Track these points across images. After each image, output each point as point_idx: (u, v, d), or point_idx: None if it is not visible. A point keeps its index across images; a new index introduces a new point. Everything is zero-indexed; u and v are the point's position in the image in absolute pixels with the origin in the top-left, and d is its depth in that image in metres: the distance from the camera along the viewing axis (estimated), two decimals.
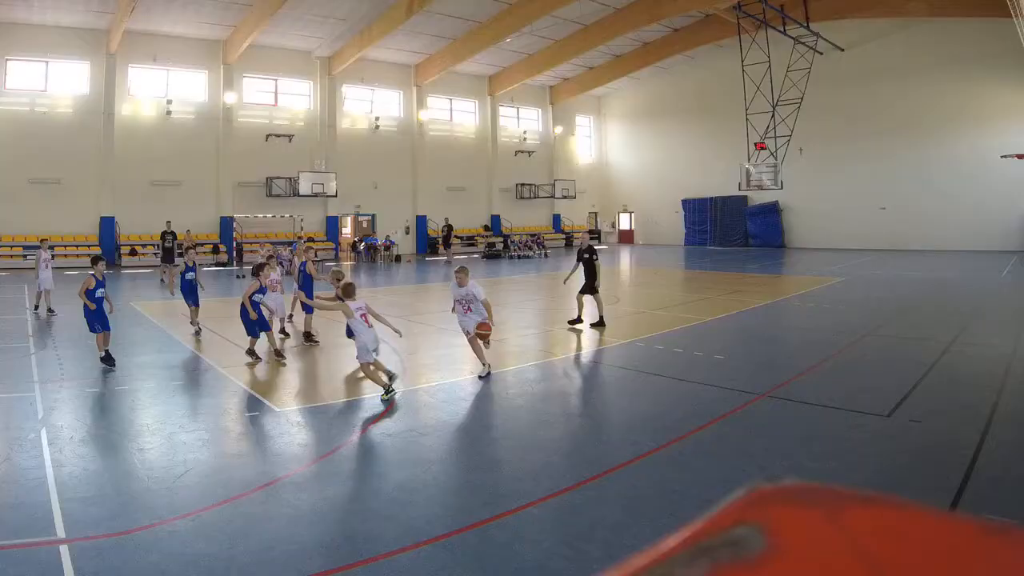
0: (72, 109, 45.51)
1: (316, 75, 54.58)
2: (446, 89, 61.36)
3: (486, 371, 15.07)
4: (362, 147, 56.85)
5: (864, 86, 53.73)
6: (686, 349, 17.99)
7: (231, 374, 15.48)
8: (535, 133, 69.20)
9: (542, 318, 25.46)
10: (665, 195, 67.35)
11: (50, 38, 43.71)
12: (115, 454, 10.48)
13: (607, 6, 49.40)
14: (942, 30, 49.42)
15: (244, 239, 49.38)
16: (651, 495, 8.85)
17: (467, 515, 8.25)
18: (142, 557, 7.27)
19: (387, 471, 9.95)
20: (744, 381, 14.61)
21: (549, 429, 11.85)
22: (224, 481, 9.38)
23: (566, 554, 7.37)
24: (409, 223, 59.76)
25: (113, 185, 46.01)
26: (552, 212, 69.64)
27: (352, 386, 15.06)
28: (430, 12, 45.89)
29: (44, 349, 18.15)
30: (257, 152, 51.52)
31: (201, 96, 50.15)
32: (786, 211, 59.96)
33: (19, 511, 8.22)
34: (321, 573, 6.97)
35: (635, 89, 69.19)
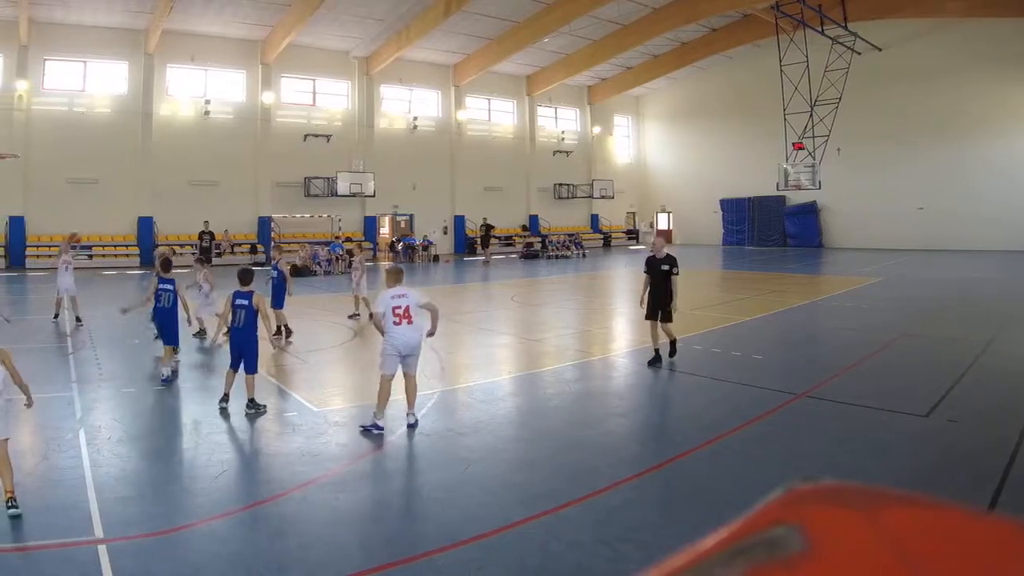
0: (110, 109, 45.59)
1: (354, 75, 54.55)
2: (484, 89, 61.27)
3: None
4: (400, 147, 56.76)
5: (902, 86, 53.35)
6: (724, 349, 17.97)
7: (270, 374, 15.50)
8: (573, 133, 68.92)
9: (579, 318, 25.26)
10: (703, 195, 67.00)
11: (88, 38, 43.81)
12: (153, 454, 10.50)
13: (645, 6, 49.24)
14: (979, 30, 49.03)
15: (282, 239, 49.26)
16: (689, 495, 8.84)
17: (505, 515, 8.23)
18: (180, 557, 7.29)
19: (425, 471, 9.97)
20: (782, 381, 14.60)
21: (586, 429, 11.81)
22: (262, 481, 9.43)
23: (604, 554, 7.36)
24: (447, 223, 59.72)
25: (151, 185, 46.02)
26: (590, 212, 69.35)
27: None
28: (468, 12, 45.78)
29: (82, 349, 18.17)
30: (295, 152, 51.47)
31: (239, 96, 50.20)
32: (824, 211, 59.62)
33: (58, 511, 8.24)
34: (359, 573, 6.97)
35: (673, 89, 68.96)
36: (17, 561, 7.13)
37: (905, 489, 0.97)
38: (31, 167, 41.67)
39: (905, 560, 0.84)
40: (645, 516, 8.29)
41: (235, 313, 12.72)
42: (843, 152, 51.90)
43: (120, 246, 44.79)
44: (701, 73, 64.34)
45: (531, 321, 23.66)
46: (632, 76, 64.30)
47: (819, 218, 60.15)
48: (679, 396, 14.05)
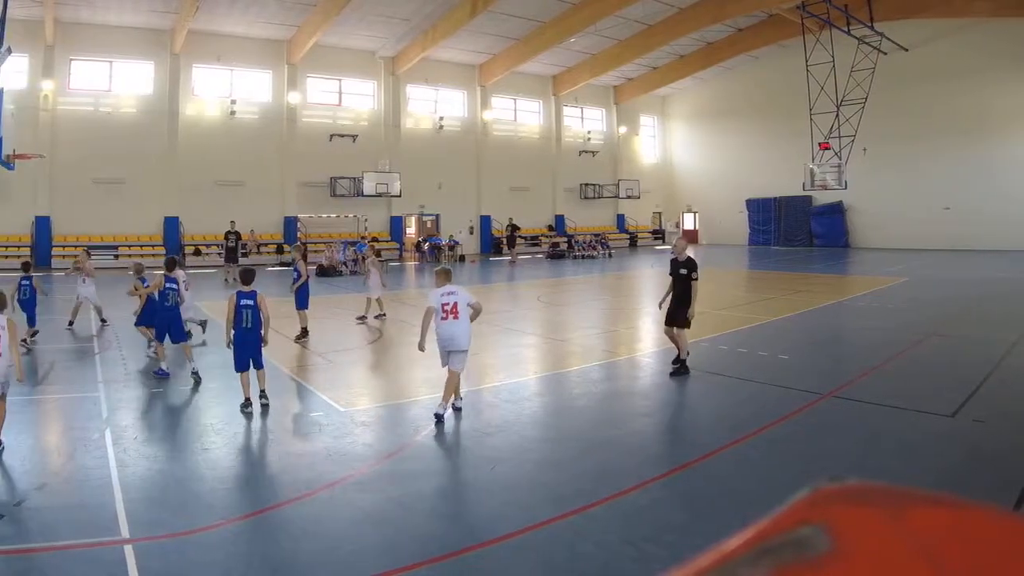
0: (136, 109, 45.80)
1: (380, 75, 54.63)
2: (510, 89, 61.29)
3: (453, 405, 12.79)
4: (426, 147, 56.83)
5: (928, 86, 53.09)
6: (750, 349, 17.93)
7: (296, 374, 15.58)
8: (599, 133, 68.86)
9: (606, 318, 25.24)
10: (729, 195, 66.90)
11: (114, 38, 44.04)
12: (179, 454, 10.52)
13: (671, 6, 49.19)
14: (1005, 29, 48.71)
15: (308, 239, 49.44)
16: (715, 495, 8.83)
17: (531, 515, 8.22)
18: (206, 557, 7.30)
19: (451, 471, 9.99)
20: (808, 381, 14.57)
21: (613, 429, 11.81)
22: (288, 481, 9.42)
23: (630, 554, 7.36)
24: (473, 223, 59.78)
25: (177, 185, 46.24)
26: (616, 212, 69.34)
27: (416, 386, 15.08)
28: (494, 12, 45.79)
29: (109, 350, 18.26)
30: (321, 152, 51.60)
31: (265, 96, 50.37)
32: (850, 211, 59.43)
33: (84, 511, 8.26)
34: (385, 573, 6.97)
35: (699, 89, 68.87)
36: (45, 560, 7.14)
37: (931, 489, 0.94)
38: (57, 167, 41.83)
39: (931, 560, 0.82)
40: (671, 516, 8.28)
41: (241, 313, 12.84)
42: (869, 152, 51.72)
43: (146, 246, 44.80)
44: (727, 73, 64.24)
45: (557, 321, 23.68)
46: (658, 76, 64.22)
47: (845, 218, 59.97)
48: (705, 396, 14.00)
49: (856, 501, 0.94)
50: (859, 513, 0.91)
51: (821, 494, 0.96)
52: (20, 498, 8.44)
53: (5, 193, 40.96)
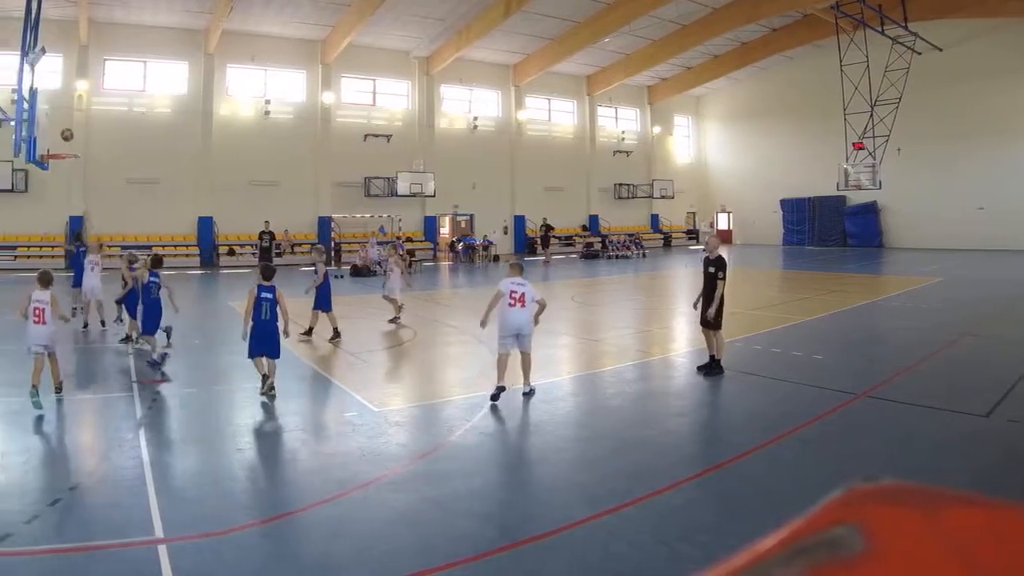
0: (170, 109, 46.04)
1: (414, 75, 54.66)
2: (544, 89, 61.28)
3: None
4: (460, 147, 56.86)
5: (963, 86, 52.81)
6: (784, 349, 17.89)
7: (330, 374, 15.59)
8: (633, 133, 68.70)
9: (639, 318, 25.22)
10: (763, 195, 66.70)
11: (148, 38, 44.25)
12: (213, 454, 10.57)
13: (706, 6, 49.09)
14: None
15: (342, 239, 49.74)
16: (749, 495, 8.82)
17: (565, 515, 8.21)
18: (240, 556, 7.33)
19: (485, 471, 9.94)
20: (842, 381, 14.52)
21: (647, 429, 11.81)
22: (322, 481, 9.41)
23: (664, 554, 7.37)
24: (507, 223, 59.83)
25: (211, 185, 46.41)
26: (650, 212, 69.17)
27: (450, 386, 15.18)
28: (528, 12, 45.73)
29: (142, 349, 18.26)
30: (355, 152, 51.68)
31: (299, 96, 50.45)
32: (884, 211, 59.18)
33: (118, 511, 8.29)
34: (419, 572, 6.97)
35: (733, 89, 68.74)
36: (79, 560, 7.16)
37: (965, 489, 0.95)
38: (91, 167, 42.11)
39: (964, 560, 0.82)
40: (705, 516, 8.29)
41: (261, 306, 13.50)
42: (903, 152, 51.40)
43: (180, 246, 45.08)
44: (761, 73, 64.07)
45: (591, 321, 23.65)
46: (692, 76, 64.09)
47: (879, 218, 59.72)
48: (739, 396, 13.98)
49: (890, 501, 0.96)
50: (893, 513, 0.92)
51: (855, 494, 0.98)
52: (54, 498, 8.45)
53: (40, 193, 41.23)
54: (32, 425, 11.67)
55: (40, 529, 7.69)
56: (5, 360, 16.49)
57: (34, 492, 8.70)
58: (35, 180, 40.19)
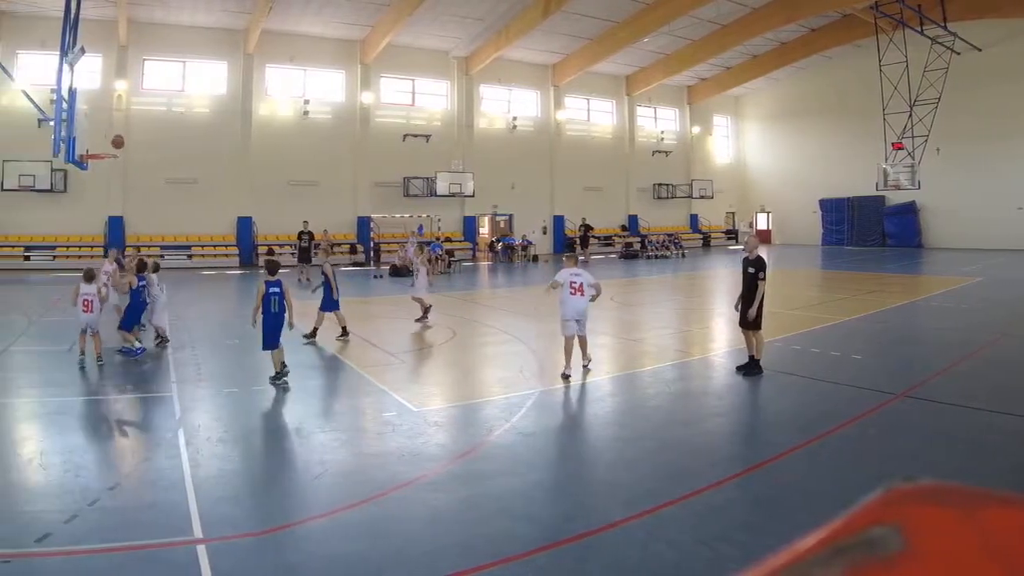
0: (209, 109, 46.32)
1: (453, 75, 54.75)
2: (583, 89, 61.20)
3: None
4: (499, 147, 56.91)
5: (1002, 86, 52.44)
6: (823, 349, 17.85)
7: (369, 374, 15.56)
8: (672, 133, 68.56)
9: (679, 318, 25.20)
10: (802, 195, 66.49)
11: (187, 38, 44.53)
12: (252, 454, 10.62)
13: (744, 6, 48.98)
14: None
15: (381, 239, 49.93)
16: (788, 495, 8.82)
17: (604, 514, 8.21)
18: (279, 557, 7.34)
19: (524, 471, 9.89)
20: (881, 381, 14.50)
21: (686, 429, 11.82)
22: (361, 481, 9.41)
23: (703, 554, 7.34)
24: (546, 223, 59.78)
25: (250, 185, 46.62)
26: (689, 212, 69.04)
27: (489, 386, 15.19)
28: (567, 12, 45.69)
29: (182, 350, 18.29)
30: (394, 152, 51.80)
31: (338, 96, 50.58)
32: (923, 211, 58.89)
33: (157, 511, 8.31)
34: (458, 572, 6.95)
35: (773, 89, 68.59)
36: (118, 560, 7.17)
37: (1005, 490, 0.93)
38: (130, 167, 42.37)
39: (1003, 561, 0.81)
40: (744, 516, 8.29)
41: (270, 300, 14.49)
42: (942, 152, 51.28)
43: (219, 246, 45.34)
44: (800, 73, 63.86)
45: (630, 321, 23.60)
46: (731, 76, 64.00)
47: (918, 218, 59.46)
48: (778, 396, 13.95)
49: (929, 501, 0.94)
50: (932, 513, 0.92)
51: (894, 494, 0.96)
52: (93, 498, 8.47)
53: (79, 193, 41.58)
54: (71, 425, 11.78)
55: (79, 529, 7.71)
56: (44, 360, 16.68)
57: (73, 492, 8.70)
58: (74, 180, 40.55)
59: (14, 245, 41.15)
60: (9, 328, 21.26)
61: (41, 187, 39.99)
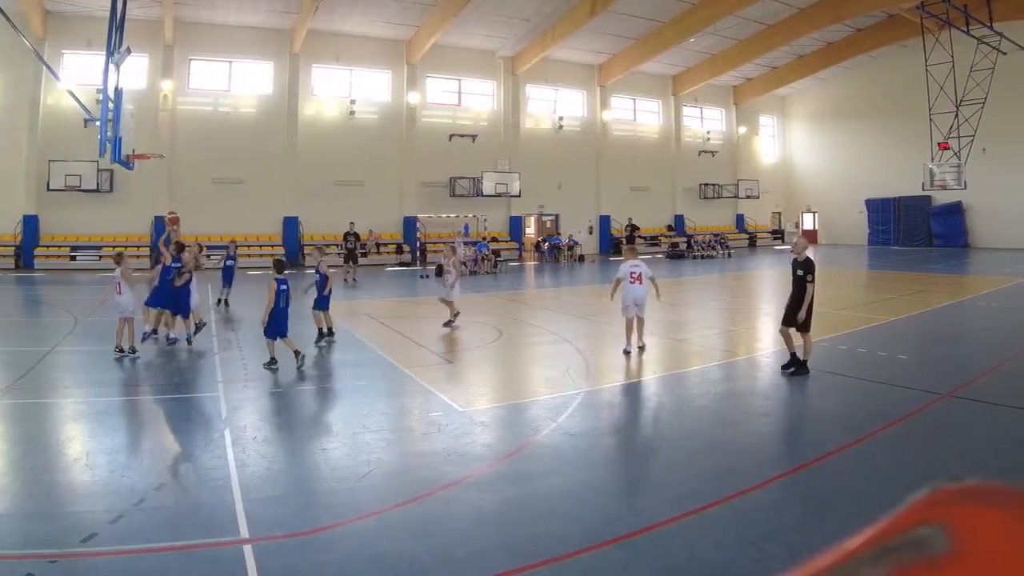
0: (255, 109, 46.73)
1: (499, 75, 54.91)
2: (629, 89, 61.16)
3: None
4: (545, 147, 56.96)
5: None
6: (869, 349, 17.75)
7: (415, 374, 15.54)
8: (718, 133, 68.57)
9: (725, 318, 25.15)
10: (848, 195, 66.33)
11: (233, 38, 44.98)
12: (298, 454, 10.62)
13: (790, 6, 48.86)
14: None
15: (428, 239, 50.13)
16: (834, 495, 8.73)
17: (650, 515, 8.18)
18: (325, 557, 7.30)
19: (570, 471, 9.82)
20: (928, 381, 14.43)
21: (732, 429, 11.75)
22: (407, 481, 9.40)
23: (749, 554, 7.30)
24: (592, 223, 59.72)
25: (296, 185, 46.93)
26: (735, 212, 69.00)
27: (536, 386, 15.15)
28: (613, 12, 45.71)
29: (228, 349, 18.45)
30: (440, 152, 51.98)
31: (384, 96, 50.84)
32: (969, 211, 58.73)
33: (203, 511, 8.32)
34: (504, 573, 6.93)
35: (819, 89, 68.38)
36: (164, 560, 7.17)
37: None
38: (176, 167, 42.88)
39: None
40: (790, 516, 8.24)
41: (280, 296, 15.99)
42: (989, 152, 51.02)
43: (265, 246, 45.61)
44: (846, 73, 63.68)
45: (676, 321, 23.51)
46: (777, 76, 63.91)
47: (964, 218, 59.29)
48: (823, 396, 13.89)
49: (976, 501, 0.95)
50: (979, 513, 0.92)
51: (941, 494, 0.97)
52: (139, 498, 8.48)
53: (125, 193, 42.08)
54: (117, 425, 11.85)
55: (125, 529, 7.71)
56: (90, 360, 16.77)
57: (119, 492, 8.72)
58: (120, 180, 40.99)
59: (60, 245, 41.70)
60: (56, 328, 21.49)
61: (87, 187, 40.53)
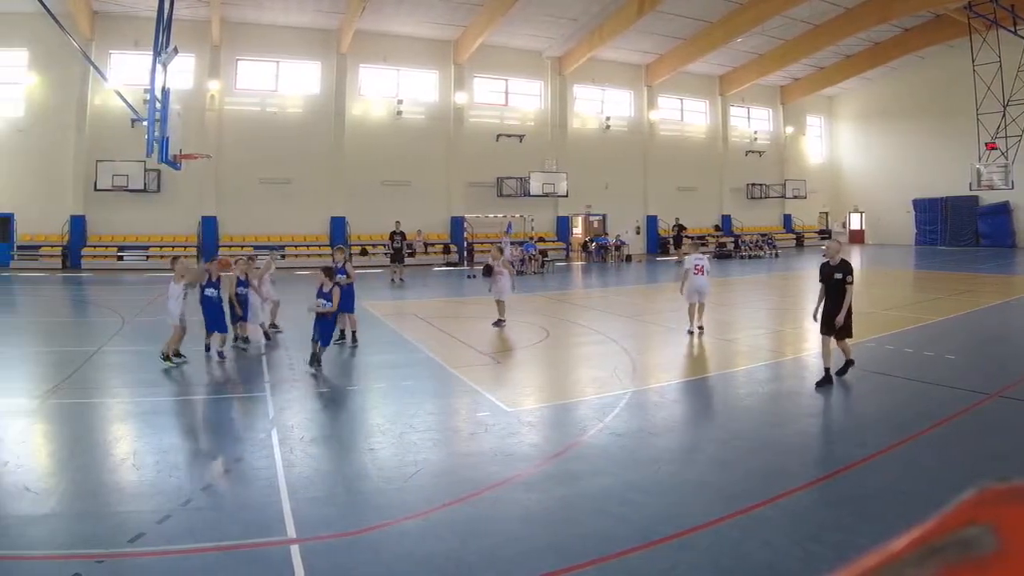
0: (302, 109, 46.80)
1: (546, 75, 54.82)
2: (676, 89, 61.00)
3: None
4: (592, 147, 56.83)
5: None
6: (916, 349, 17.67)
7: (462, 374, 15.57)
8: (765, 133, 68.24)
9: (772, 318, 25.16)
10: (895, 195, 65.73)
11: (280, 38, 45.13)
12: (345, 454, 10.64)
13: (838, 6, 48.62)
14: None
15: (475, 239, 50.15)
16: (881, 495, 8.70)
17: (698, 515, 8.16)
18: (372, 557, 7.33)
19: (617, 471, 9.81)
20: (975, 381, 14.33)
21: (779, 429, 11.76)
22: (455, 481, 9.42)
23: (797, 554, 7.30)
24: (639, 223, 59.62)
25: (343, 185, 47.01)
26: (783, 212, 68.67)
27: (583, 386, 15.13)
28: (660, 12, 45.57)
29: (275, 350, 18.57)
30: (487, 152, 52.00)
31: (431, 96, 50.86)
32: (1017, 211, 58.12)
33: (251, 511, 8.37)
34: (552, 572, 6.93)
35: (866, 89, 67.89)
36: (211, 560, 7.20)
37: None
38: (223, 167, 43.18)
39: None
40: (837, 516, 8.17)
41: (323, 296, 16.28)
42: None
43: (313, 246, 45.64)
44: (893, 73, 63.15)
45: (723, 321, 23.40)
46: (824, 76, 63.54)
47: (1012, 218, 58.73)
48: (870, 396, 13.80)
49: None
50: None
51: (988, 494, 0.95)
52: (186, 498, 8.52)
53: (172, 193, 42.34)
54: (164, 425, 11.91)
55: (172, 529, 7.75)
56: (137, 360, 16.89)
57: (166, 492, 8.77)
58: (168, 180, 41.28)
59: (108, 245, 42.01)
60: (103, 328, 21.60)
61: (134, 187, 40.73)
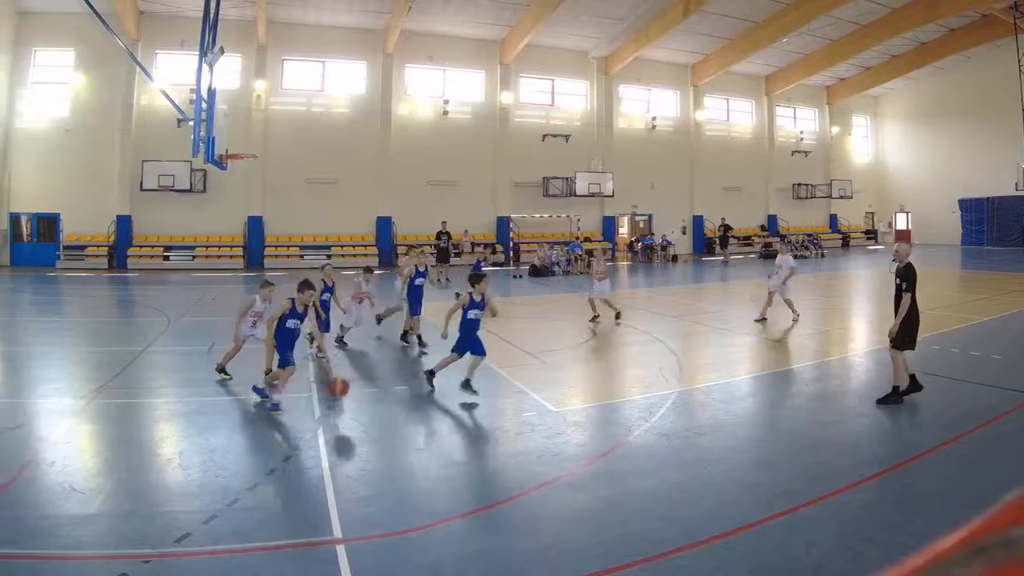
0: (348, 109, 46.95)
1: (592, 75, 54.68)
2: (722, 89, 60.78)
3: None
4: (638, 147, 56.75)
5: None
6: (963, 349, 17.57)
7: (508, 374, 15.62)
8: (811, 133, 67.91)
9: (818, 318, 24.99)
10: (941, 195, 65.27)
11: (326, 38, 45.25)
12: (392, 454, 10.65)
13: (884, 6, 48.31)
14: None
15: (521, 239, 50.17)
16: (928, 495, 8.72)
17: (743, 515, 8.15)
18: (418, 556, 7.33)
19: (663, 471, 9.82)
20: (1021, 381, 14.23)
21: (826, 429, 11.75)
22: (501, 481, 9.50)
23: (843, 554, 7.28)
24: (685, 223, 59.38)
25: (389, 185, 47.13)
26: (829, 212, 68.30)
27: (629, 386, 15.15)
28: (706, 12, 45.58)
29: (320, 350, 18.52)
30: (533, 152, 51.97)
31: (478, 96, 50.94)
32: None
33: (298, 510, 8.44)
34: (598, 572, 6.92)
35: (912, 89, 67.42)
36: (257, 560, 7.26)
37: None
38: (269, 167, 43.26)
39: None
40: (884, 516, 8.15)
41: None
42: None
43: (359, 246, 45.82)
44: (939, 73, 62.75)
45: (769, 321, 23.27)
46: (871, 76, 63.23)
47: None
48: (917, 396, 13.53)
49: None
50: None
51: None
52: (233, 498, 8.58)
53: (219, 193, 42.56)
54: (211, 425, 11.96)
55: (219, 529, 7.80)
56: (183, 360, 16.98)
57: (213, 492, 8.82)
58: (214, 180, 41.39)
59: (154, 245, 42.25)
60: (149, 328, 21.73)
61: (180, 187, 40.92)
